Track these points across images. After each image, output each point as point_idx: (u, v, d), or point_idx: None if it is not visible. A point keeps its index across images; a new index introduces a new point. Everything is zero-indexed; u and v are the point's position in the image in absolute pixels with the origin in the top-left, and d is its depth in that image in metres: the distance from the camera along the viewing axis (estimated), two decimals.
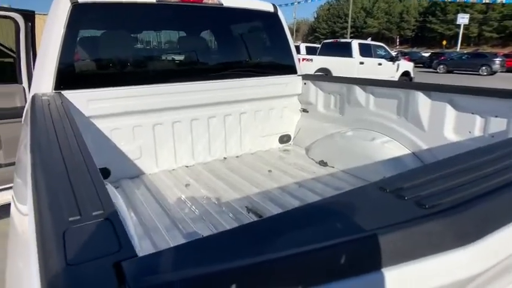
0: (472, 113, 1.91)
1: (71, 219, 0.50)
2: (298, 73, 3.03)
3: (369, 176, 2.27)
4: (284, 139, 3.11)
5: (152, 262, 0.42)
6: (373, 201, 0.60)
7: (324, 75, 3.06)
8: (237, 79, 2.70)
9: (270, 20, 2.89)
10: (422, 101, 2.11)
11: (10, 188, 2.77)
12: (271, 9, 2.86)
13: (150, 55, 3.23)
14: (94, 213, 0.52)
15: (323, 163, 2.62)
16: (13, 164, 2.80)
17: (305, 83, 2.99)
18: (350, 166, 2.42)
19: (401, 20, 59.86)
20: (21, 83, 2.97)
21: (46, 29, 2.09)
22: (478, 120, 1.89)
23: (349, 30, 34.18)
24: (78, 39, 2.18)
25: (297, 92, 3.03)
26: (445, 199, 0.59)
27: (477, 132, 1.90)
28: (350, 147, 2.48)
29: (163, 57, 3.03)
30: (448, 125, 2.00)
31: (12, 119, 2.77)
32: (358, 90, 2.52)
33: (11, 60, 3.35)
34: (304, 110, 3.08)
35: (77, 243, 0.44)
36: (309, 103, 3.00)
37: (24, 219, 0.82)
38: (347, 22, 43.64)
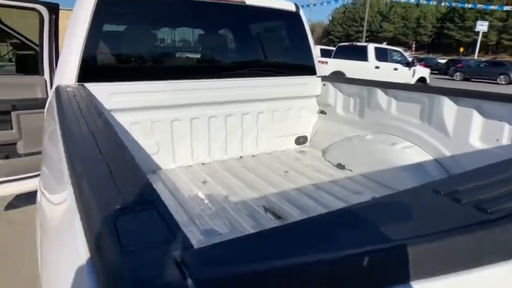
0: (500, 121, 1.85)
1: (118, 207, 0.49)
2: (318, 74, 3.00)
3: (389, 181, 2.23)
4: (300, 140, 3.07)
5: (213, 254, 0.40)
6: (427, 204, 0.57)
7: (344, 77, 3.02)
8: (256, 78, 2.69)
9: (291, 19, 2.87)
10: (448, 107, 2.05)
11: (30, 177, 2.82)
12: (293, 8, 2.84)
13: (172, 51, 3.24)
14: (141, 202, 0.50)
15: (341, 166, 2.58)
16: (33, 153, 2.86)
17: (324, 85, 2.96)
18: (369, 170, 2.37)
19: (418, 25, 58.99)
20: (43, 74, 3.01)
21: (71, 21, 2.11)
22: (507, 128, 1.82)
23: (364, 34, 33.84)
24: (102, 32, 2.20)
25: (316, 93, 3.00)
26: (506, 204, 0.55)
27: (505, 140, 1.84)
28: (369, 151, 2.43)
29: (185, 54, 3.04)
30: (475, 132, 1.94)
31: (33, 109, 2.82)
32: (379, 93, 2.48)
33: (32, 52, 3.41)
34: (322, 112, 3.05)
35: (130, 232, 0.43)
36: (328, 105, 2.96)
37: (56, 208, 0.81)
38: (362, 26, 43.22)
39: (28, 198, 3.07)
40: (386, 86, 2.47)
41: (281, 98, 2.85)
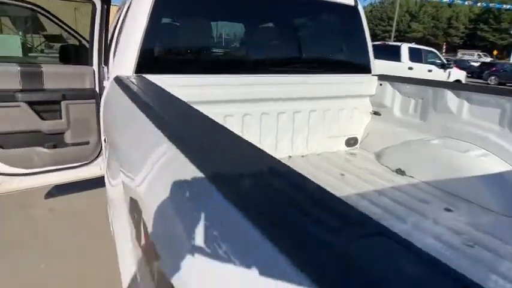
0: None
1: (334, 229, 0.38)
2: (373, 73, 2.83)
3: (459, 191, 2.05)
4: (351, 142, 2.92)
5: None
6: None
7: (405, 77, 2.83)
8: (310, 75, 2.57)
9: (349, 14, 2.71)
10: None
11: (74, 167, 2.82)
12: (351, 2, 2.68)
13: (226, 45, 3.16)
14: (355, 221, 0.39)
15: (400, 171, 2.41)
16: (79, 144, 2.85)
17: (381, 84, 2.78)
18: (435, 178, 2.19)
19: (449, 26, 56.72)
20: (92, 65, 3.00)
21: (131, 13, 2.07)
22: None
23: (393, 33, 32.79)
24: (161, 25, 2.14)
25: (371, 92, 2.83)
26: None
27: None
28: (435, 158, 2.25)
29: (239, 48, 2.95)
30: None
31: (81, 100, 2.81)
32: (449, 95, 2.29)
33: (76, 43, 3.44)
34: (376, 113, 2.88)
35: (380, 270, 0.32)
36: (383, 106, 2.79)
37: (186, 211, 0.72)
38: (390, 25, 41.95)
39: (64, 189, 3.09)
40: (458, 87, 2.28)
41: (334, 97, 2.71)
